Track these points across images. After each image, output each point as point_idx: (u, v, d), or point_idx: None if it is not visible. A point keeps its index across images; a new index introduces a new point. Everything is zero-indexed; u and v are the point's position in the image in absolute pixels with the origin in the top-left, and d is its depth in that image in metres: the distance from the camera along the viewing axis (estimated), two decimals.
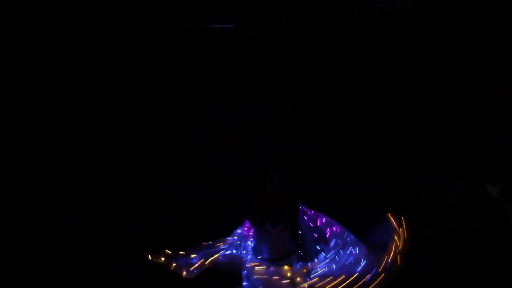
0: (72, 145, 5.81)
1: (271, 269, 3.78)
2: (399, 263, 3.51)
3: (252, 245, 4.01)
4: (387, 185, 6.01)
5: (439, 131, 5.96)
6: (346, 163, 6.28)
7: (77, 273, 4.51)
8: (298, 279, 3.68)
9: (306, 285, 3.62)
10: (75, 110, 5.86)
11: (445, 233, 4.68)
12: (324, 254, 3.81)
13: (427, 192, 5.38)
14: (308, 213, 4.07)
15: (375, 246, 3.61)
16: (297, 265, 3.82)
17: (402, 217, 3.64)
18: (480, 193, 4.62)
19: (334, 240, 3.84)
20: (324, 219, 4.00)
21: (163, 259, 3.89)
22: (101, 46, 5.80)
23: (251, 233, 4.08)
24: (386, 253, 3.54)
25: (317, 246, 3.89)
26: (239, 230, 4.12)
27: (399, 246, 3.54)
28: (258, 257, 3.90)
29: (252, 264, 3.85)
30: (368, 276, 3.51)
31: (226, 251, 4.00)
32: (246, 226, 4.12)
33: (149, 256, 3.90)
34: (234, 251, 4.01)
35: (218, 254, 3.94)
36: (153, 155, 6.12)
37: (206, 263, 3.89)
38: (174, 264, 3.87)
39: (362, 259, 3.62)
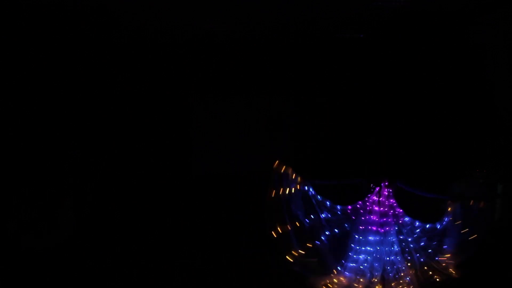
0: (72, 145, 5.81)
1: None
2: None
3: None
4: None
5: (440, 131, 5.95)
6: (347, 162, 6.27)
7: (77, 273, 4.51)
8: None
9: None
10: (75, 110, 5.86)
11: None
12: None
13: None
14: None
15: None
16: None
17: None
18: (481, 193, 4.63)
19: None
20: None
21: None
22: (101, 47, 5.80)
23: None
24: None
25: None
26: None
27: None
28: None
29: None
30: None
31: None
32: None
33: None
34: None
35: None
36: (153, 155, 6.11)
37: None
38: None
39: None
